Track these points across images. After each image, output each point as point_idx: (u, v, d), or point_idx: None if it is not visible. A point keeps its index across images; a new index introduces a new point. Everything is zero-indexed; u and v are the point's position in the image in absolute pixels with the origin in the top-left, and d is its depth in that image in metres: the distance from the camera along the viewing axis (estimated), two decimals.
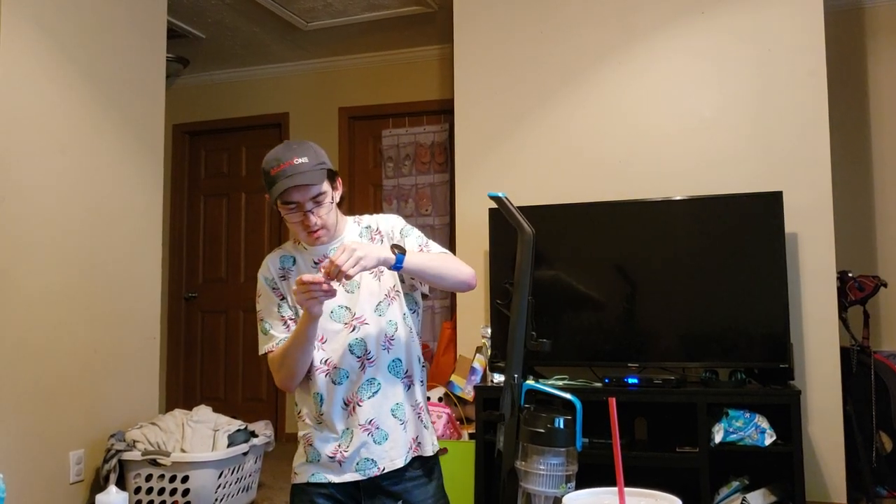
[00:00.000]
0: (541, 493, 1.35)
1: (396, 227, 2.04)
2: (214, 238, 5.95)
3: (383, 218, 2.08)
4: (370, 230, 2.05)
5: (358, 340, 1.94)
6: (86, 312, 3.50)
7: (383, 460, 1.92)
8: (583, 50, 3.90)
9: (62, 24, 3.40)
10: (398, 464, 1.92)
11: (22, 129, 3.20)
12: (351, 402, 1.93)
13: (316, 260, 2.00)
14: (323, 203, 1.90)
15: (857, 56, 4.37)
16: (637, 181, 3.72)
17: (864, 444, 3.61)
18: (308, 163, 1.88)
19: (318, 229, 1.92)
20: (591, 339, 3.57)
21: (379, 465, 1.92)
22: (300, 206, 1.89)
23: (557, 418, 1.36)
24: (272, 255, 2.07)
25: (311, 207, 1.89)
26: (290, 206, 1.90)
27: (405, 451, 1.94)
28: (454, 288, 2.04)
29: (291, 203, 1.89)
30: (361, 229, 2.05)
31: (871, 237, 4.28)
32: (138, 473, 3.40)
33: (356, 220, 2.08)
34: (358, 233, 2.04)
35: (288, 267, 2.02)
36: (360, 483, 1.93)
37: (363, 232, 2.05)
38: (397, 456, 1.93)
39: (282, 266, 2.03)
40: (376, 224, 2.06)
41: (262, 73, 5.79)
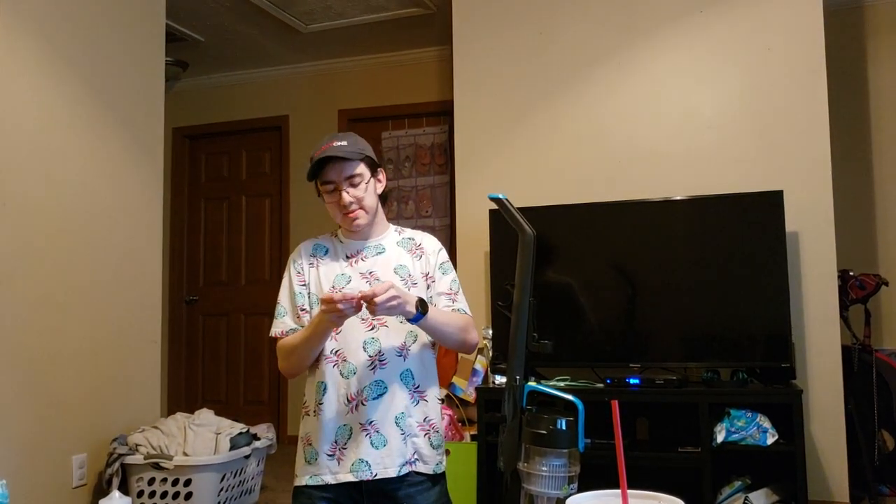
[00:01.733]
0: (543, 494, 1.35)
1: (439, 257, 2.06)
2: (215, 241, 5.95)
3: (428, 237, 2.10)
4: (412, 242, 2.07)
5: (374, 339, 1.94)
6: (87, 316, 3.50)
7: (377, 465, 1.91)
8: (582, 50, 3.90)
9: (61, 28, 3.41)
10: (390, 473, 1.91)
11: (21, 134, 3.20)
12: (355, 399, 1.93)
13: (349, 254, 2.03)
14: (358, 185, 1.96)
15: (857, 54, 4.38)
16: (637, 181, 3.73)
17: (865, 442, 3.61)
18: (346, 146, 1.96)
19: (355, 209, 1.96)
20: (593, 339, 3.57)
21: (373, 470, 1.91)
22: (337, 186, 1.95)
23: (559, 419, 1.36)
24: (307, 242, 2.10)
25: (346, 188, 1.95)
26: (328, 187, 1.96)
27: (400, 462, 1.92)
28: (452, 348, 2.08)
29: (329, 183, 1.95)
30: (402, 238, 2.08)
31: (872, 235, 4.28)
32: (141, 477, 3.40)
33: (397, 228, 2.12)
34: (397, 241, 2.07)
35: (319, 255, 2.05)
36: (361, 486, 1.92)
37: (403, 242, 2.07)
38: (391, 465, 1.92)
39: (313, 253, 2.06)
40: (420, 240, 2.08)
41: (261, 76, 5.80)
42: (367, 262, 2.02)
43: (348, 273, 2.00)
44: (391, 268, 2.01)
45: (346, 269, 2.01)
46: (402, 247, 2.06)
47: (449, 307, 2.02)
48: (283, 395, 5.59)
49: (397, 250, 2.05)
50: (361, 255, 2.03)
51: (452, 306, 2.02)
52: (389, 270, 2.01)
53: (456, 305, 2.03)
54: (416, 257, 2.05)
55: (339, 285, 1.98)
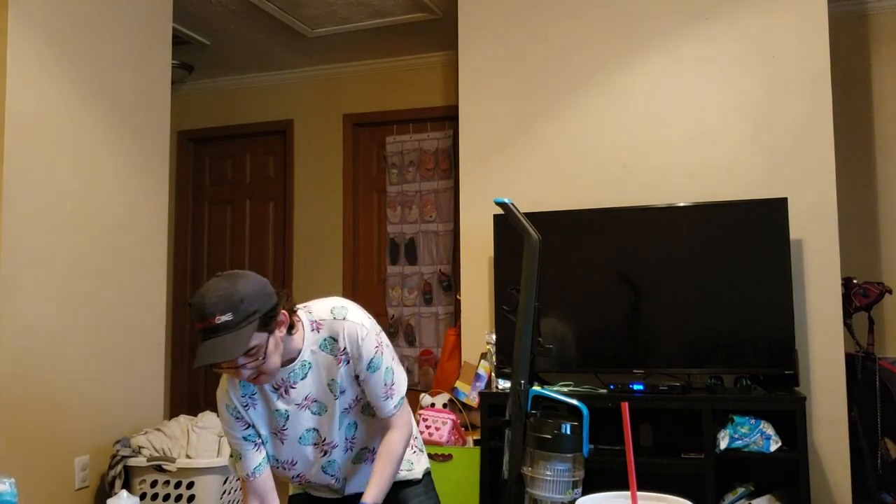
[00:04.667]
0: (547, 498, 1.35)
1: (363, 353, 1.84)
2: (219, 245, 5.96)
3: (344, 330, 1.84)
4: (333, 344, 1.85)
5: (328, 462, 1.98)
6: (91, 319, 3.51)
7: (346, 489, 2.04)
8: (587, 57, 3.91)
9: (67, 31, 3.42)
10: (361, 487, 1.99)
11: (29, 137, 3.21)
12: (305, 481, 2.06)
13: (275, 385, 1.84)
14: (255, 356, 1.68)
15: (861, 62, 4.38)
16: (642, 187, 3.73)
17: (869, 450, 3.60)
18: (232, 320, 1.62)
19: (258, 378, 1.74)
20: (596, 345, 3.57)
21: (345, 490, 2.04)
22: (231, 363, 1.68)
23: (564, 424, 1.36)
24: (231, 383, 1.86)
25: (242, 362, 1.67)
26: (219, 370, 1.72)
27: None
28: None
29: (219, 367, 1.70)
30: (321, 340, 1.85)
31: (876, 244, 4.28)
32: (143, 479, 3.41)
33: (312, 319, 1.86)
34: (318, 345, 1.85)
35: (249, 394, 1.87)
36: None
37: (323, 345, 1.86)
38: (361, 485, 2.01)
39: (244, 394, 1.86)
40: (343, 341, 1.84)
41: (266, 80, 5.81)
42: (297, 390, 1.85)
43: (283, 407, 1.86)
44: (325, 386, 1.87)
45: (279, 402, 1.85)
46: (325, 351, 1.86)
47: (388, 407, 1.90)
48: None
49: (323, 358, 1.86)
50: (289, 384, 1.85)
51: (392, 404, 1.89)
52: (324, 389, 1.87)
53: (393, 400, 1.89)
54: (343, 363, 1.85)
55: (280, 423, 1.87)
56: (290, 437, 1.89)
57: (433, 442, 3.54)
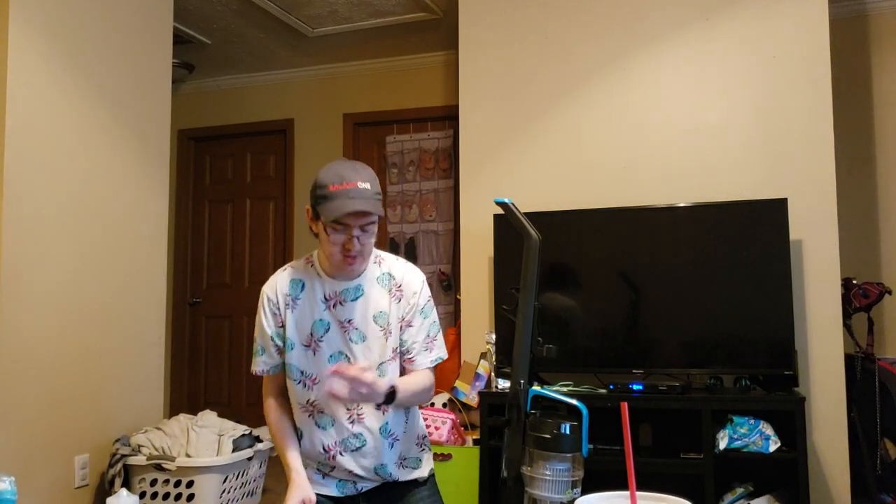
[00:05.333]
0: (546, 498, 1.35)
1: (420, 298, 1.95)
2: (219, 244, 5.96)
3: (409, 275, 1.97)
4: (391, 281, 1.95)
5: None
6: (91, 317, 3.51)
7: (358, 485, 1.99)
8: (588, 57, 3.91)
9: (68, 30, 3.42)
10: (372, 485, 1.99)
11: (30, 135, 3.21)
12: (332, 450, 1.93)
13: (327, 295, 1.92)
14: (370, 232, 1.84)
15: (862, 63, 4.38)
16: (642, 187, 3.73)
17: (868, 451, 3.61)
18: (370, 190, 1.80)
19: (357, 256, 1.85)
20: (596, 345, 3.57)
21: (357, 487, 1.98)
22: (349, 228, 1.81)
23: (563, 424, 1.37)
24: (282, 276, 1.97)
25: (357, 234, 1.81)
26: (337, 227, 1.81)
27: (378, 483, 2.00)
28: None
29: (342, 223, 1.80)
30: (382, 273, 1.96)
31: (876, 244, 4.28)
32: (143, 478, 3.41)
33: (377, 258, 1.98)
34: (377, 276, 1.95)
35: (296, 294, 1.94)
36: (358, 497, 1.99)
37: (382, 278, 1.95)
38: (371, 484, 2.00)
39: (290, 292, 1.94)
40: (401, 279, 1.96)
41: (267, 79, 5.81)
42: (345, 308, 1.92)
43: (327, 319, 1.92)
44: (370, 316, 1.93)
45: (325, 313, 1.92)
46: (381, 285, 1.94)
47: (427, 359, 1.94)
48: None
49: (376, 291, 1.94)
50: (340, 299, 1.92)
51: (430, 357, 1.95)
52: (368, 319, 1.92)
53: (433, 355, 1.95)
54: (395, 300, 1.94)
55: (318, 333, 1.91)
56: (322, 351, 1.91)
57: (433, 441, 3.54)
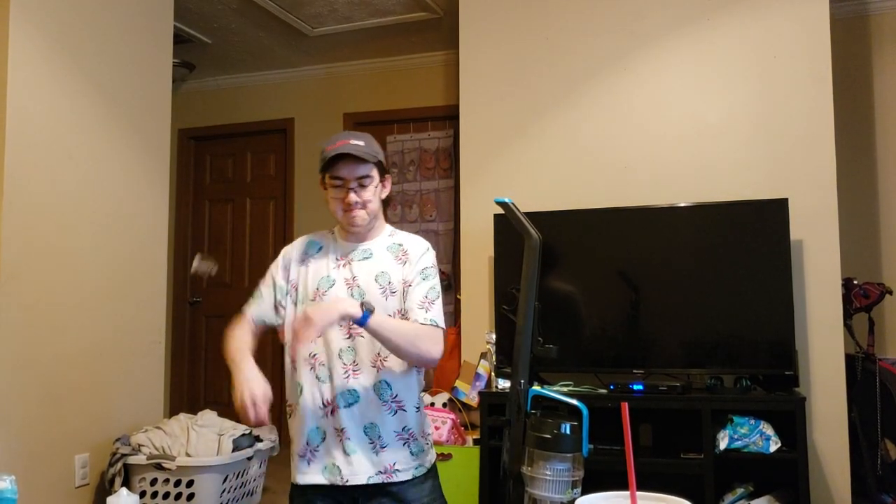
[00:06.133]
0: (546, 498, 1.35)
1: (422, 261, 2.02)
2: (219, 243, 5.96)
3: (416, 241, 2.08)
4: (399, 248, 2.05)
5: (350, 348, 1.95)
6: (91, 316, 3.51)
7: (346, 472, 1.93)
8: (588, 56, 3.91)
9: (69, 29, 3.42)
10: (360, 480, 1.93)
11: (30, 134, 3.21)
12: (330, 403, 1.95)
13: (338, 256, 2.03)
14: (367, 186, 1.96)
15: (862, 63, 4.38)
16: (642, 187, 3.73)
17: (868, 451, 3.60)
18: (363, 146, 1.95)
19: (357, 208, 1.96)
20: (596, 345, 3.57)
21: (343, 476, 1.93)
22: (345, 182, 1.95)
23: (564, 424, 1.36)
24: (302, 238, 2.14)
25: (354, 186, 1.95)
26: (335, 182, 1.96)
27: (368, 473, 1.94)
28: (409, 362, 1.98)
29: (338, 179, 1.96)
30: (392, 243, 2.07)
31: (876, 244, 4.28)
32: (143, 477, 3.41)
33: (392, 232, 2.10)
34: (387, 245, 2.05)
35: (311, 253, 2.07)
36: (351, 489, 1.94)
37: (392, 247, 2.05)
38: (360, 473, 1.93)
39: (306, 251, 2.08)
40: (408, 245, 2.06)
41: (267, 79, 5.81)
42: (352, 267, 2.02)
43: (334, 276, 2.01)
44: (373, 275, 2.00)
45: (333, 271, 2.02)
46: (390, 252, 2.04)
47: (420, 317, 1.95)
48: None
49: (384, 255, 2.04)
50: (349, 259, 2.03)
51: (425, 315, 1.95)
52: (371, 278, 1.99)
53: (429, 315, 1.95)
54: (400, 263, 2.02)
55: (323, 288, 1.99)
56: None
57: (433, 441, 3.54)
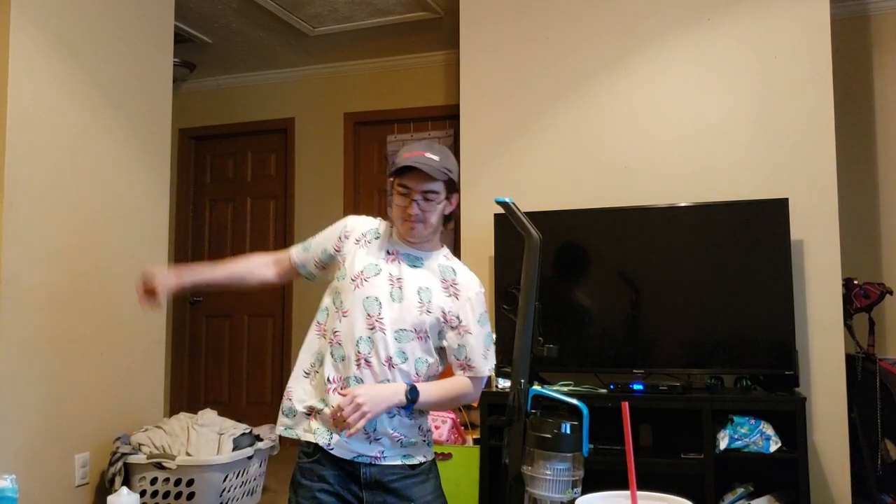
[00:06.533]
0: (546, 498, 1.35)
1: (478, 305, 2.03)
2: (220, 243, 5.96)
3: (471, 278, 2.06)
4: (451, 274, 2.04)
5: (368, 339, 1.96)
6: (92, 316, 3.51)
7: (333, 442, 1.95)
8: (589, 56, 3.91)
9: (70, 28, 3.42)
10: (345, 455, 1.95)
11: (30, 134, 3.21)
12: (334, 382, 1.96)
13: (390, 251, 2.04)
14: (431, 201, 1.96)
15: (863, 63, 4.38)
16: (643, 187, 3.73)
17: (869, 451, 3.61)
18: (437, 161, 1.94)
19: (415, 220, 1.97)
20: (596, 344, 3.57)
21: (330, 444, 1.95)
22: (410, 193, 1.95)
23: (564, 423, 1.36)
24: (369, 220, 2.13)
25: (418, 199, 1.95)
26: (401, 190, 1.97)
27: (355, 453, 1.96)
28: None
29: (404, 187, 1.96)
30: (445, 265, 2.06)
31: (877, 244, 4.28)
32: (143, 477, 3.41)
33: (447, 255, 2.10)
34: (439, 264, 2.05)
35: (370, 237, 2.07)
36: (360, 478, 1.95)
37: (443, 269, 2.05)
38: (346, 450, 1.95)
39: (365, 233, 2.08)
40: (462, 279, 2.04)
41: (268, 78, 5.81)
42: (399, 267, 2.02)
43: (381, 266, 2.01)
44: (417, 286, 2.00)
45: (382, 262, 2.02)
46: (440, 273, 2.04)
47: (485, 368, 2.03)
48: None
49: (433, 273, 2.03)
50: (400, 258, 2.04)
51: (488, 366, 2.03)
52: (414, 288, 2.00)
53: (488, 364, 2.03)
54: (447, 293, 2.02)
55: (368, 274, 2.00)
56: (362, 290, 1.98)
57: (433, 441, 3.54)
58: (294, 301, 5.57)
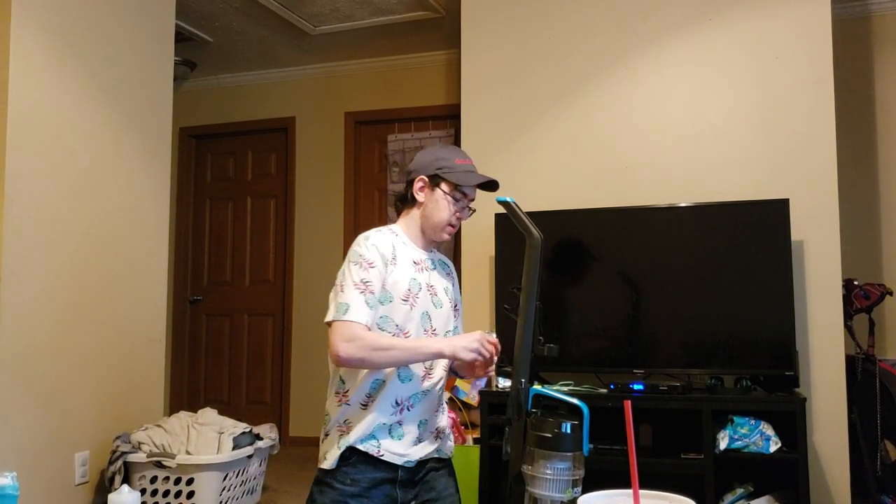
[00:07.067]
0: (547, 497, 1.35)
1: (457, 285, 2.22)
2: (220, 241, 5.96)
3: (448, 260, 2.23)
4: (446, 267, 2.19)
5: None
6: (92, 314, 3.51)
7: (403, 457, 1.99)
8: (590, 56, 3.91)
9: (71, 27, 3.42)
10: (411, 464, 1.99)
11: (31, 132, 3.21)
12: (402, 402, 1.99)
13: (415, 260, 2.05)
14: (469, 211, 2.11)
15: (864, 64, 4.38)
16: (643, 187, 3.73)
17: (868, 452, 3.61)
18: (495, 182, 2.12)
19: (457, 227, 2.09)
20: (597, 344, 3.57)
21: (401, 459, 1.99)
22: (465, 199, 2.06)
23: (564, 423, 1.36)
24: (383, 236, 2.02)
25: (465, 208, 2.07)
26: (457, 195, 2.05)
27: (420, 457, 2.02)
28: None
29: (464, 196, 2.05)
30: (439, 259, 2.17)
31: (877, 245, 4.28)
32: (143, 475, 3.41)
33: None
34: (438, 259, 2.16)
35: (394, 254, 2.02)
36: (397, 479, 1.97)
37: (440, 263, 2.16)
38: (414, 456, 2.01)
39: (393, 252, 2.02)
40: (451, 267, 2.22)
41: (268, 77, 5.81)
42: (429, 275, 2.07)
43: (417, 279, 2.03)
44: (443, 287, 2.10)
45: (416, 273, 2.04)
46: (441, 267, 2.14)
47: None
48: (286, 395, 5.59)
49: (441, 271, 2.14)
50: (425, 265, 2.08)
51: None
52: (442, 289, 2.09)
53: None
54: (449, 281, 2.15)
55: (414, 291, 2.01)
56: (416, 309, 2.00)
57: None
58: (294, 300, 5.58)
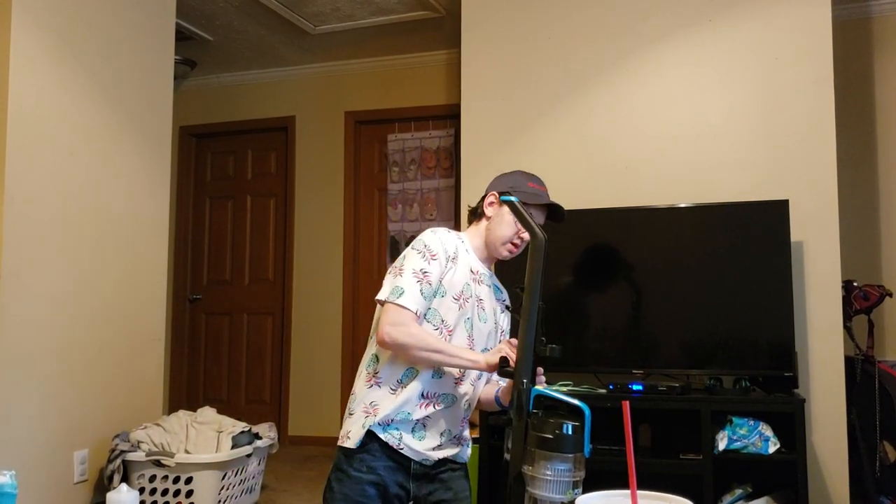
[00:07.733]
0: (547, 498, 1.35)
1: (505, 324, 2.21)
2: (219, 240, 5.96)
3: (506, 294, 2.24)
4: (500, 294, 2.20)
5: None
6: (91, 313, 3.51)
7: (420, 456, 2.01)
8: (590, 56, 3.91)
9: (71, 26, 3.42)
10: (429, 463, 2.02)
11: (31, 131, 3.21)
12: (429, 397, 2.00)
13: (473, 268, 2.10)
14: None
15: (864, 65, 4.38)
16: (643, 188, 3.73)
17: (867, 453, 3.61)
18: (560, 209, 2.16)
19: (518, 250, 2.10)
20: (596, 345, 3.57)
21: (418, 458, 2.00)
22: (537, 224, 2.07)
23: (565, 424, 1.36)
24: (451, 236, 2.10)
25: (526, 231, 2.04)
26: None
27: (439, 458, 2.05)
28: None
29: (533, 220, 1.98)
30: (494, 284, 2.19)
31: (877, 246, 4.28)
32: (142, 474, 3.41)
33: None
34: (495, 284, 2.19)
35: (456, 255, 2.06)
36: (410, 469, 1.99)
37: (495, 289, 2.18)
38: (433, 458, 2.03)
39: (456, 252, 2.07)
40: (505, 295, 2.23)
41: (268, 77, 5.81)
42: (480, 288, 2.10)
43: (471, 286, 2.07)
44: (492, 308, 2.13)
45: (470, 282, 2.07)
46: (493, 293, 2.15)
47: None
48: (285, 394, 5.59)
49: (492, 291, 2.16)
50: (479, 277, 2.11)
51: None
52: (490, 309, 2.11)
53: None
54: (500, 306, 2.17)
55: (466, 293, 2.04)
56: (463, 310, 2.03)
57: None
58: (294, 299, 5.57)
